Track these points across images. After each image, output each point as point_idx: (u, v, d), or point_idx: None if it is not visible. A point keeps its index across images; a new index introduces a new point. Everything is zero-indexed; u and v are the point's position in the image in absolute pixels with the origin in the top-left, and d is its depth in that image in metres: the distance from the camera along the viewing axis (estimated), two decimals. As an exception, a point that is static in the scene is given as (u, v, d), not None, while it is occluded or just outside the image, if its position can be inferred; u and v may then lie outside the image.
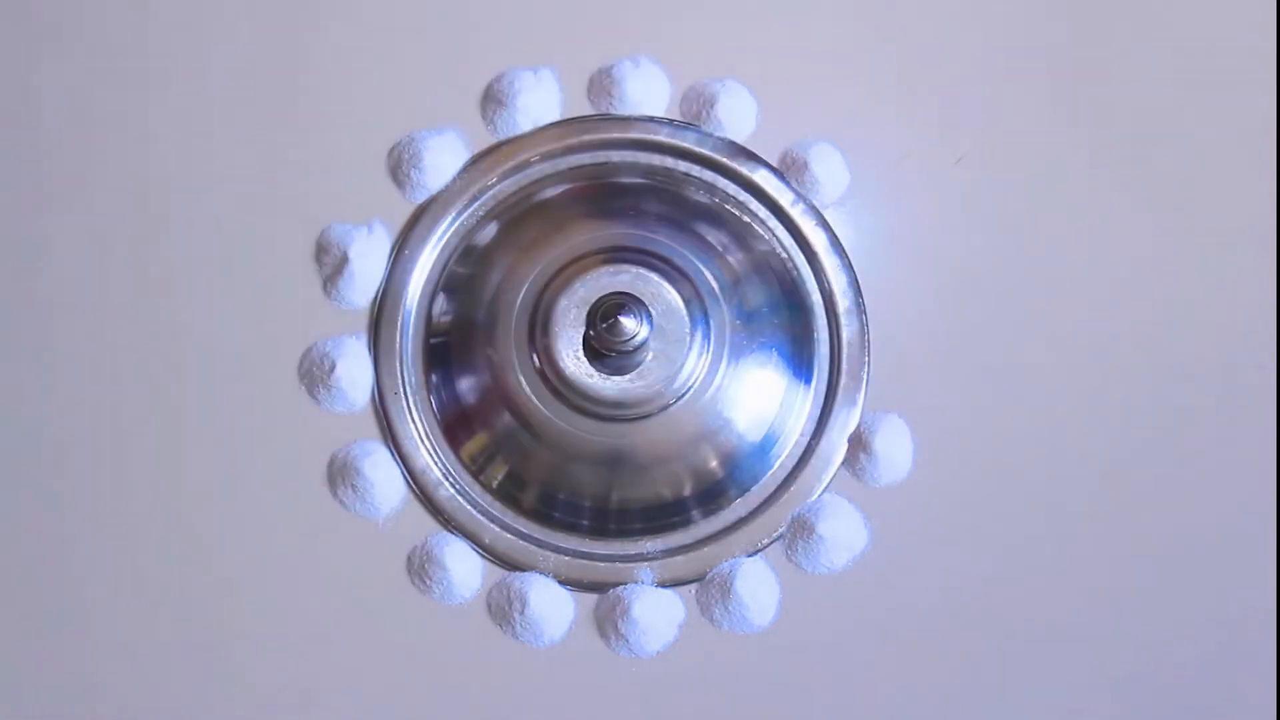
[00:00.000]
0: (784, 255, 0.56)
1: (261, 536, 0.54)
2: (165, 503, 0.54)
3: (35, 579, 0.54)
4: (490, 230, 0.56)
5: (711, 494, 0.54)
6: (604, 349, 0.52)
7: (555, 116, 0.56)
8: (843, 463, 0.54)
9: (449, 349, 0.55)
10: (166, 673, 0.53)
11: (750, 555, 0.54)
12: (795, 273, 0.56)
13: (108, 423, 0.54)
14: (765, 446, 0.54)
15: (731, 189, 0.56)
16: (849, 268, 0.55)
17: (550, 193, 0.56)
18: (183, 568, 0.54)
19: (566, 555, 0.54)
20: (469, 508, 0.54)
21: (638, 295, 0.52)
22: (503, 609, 0.53)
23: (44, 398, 0.54)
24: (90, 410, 0.54)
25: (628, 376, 0.53)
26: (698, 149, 0.56)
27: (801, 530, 0.53)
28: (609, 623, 0.53)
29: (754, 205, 0.56)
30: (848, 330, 0.55)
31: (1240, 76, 0.56)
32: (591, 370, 0.53)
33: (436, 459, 0.55)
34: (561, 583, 0.54)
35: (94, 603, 0.53)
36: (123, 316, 0.55)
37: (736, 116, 0.56)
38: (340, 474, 0.54)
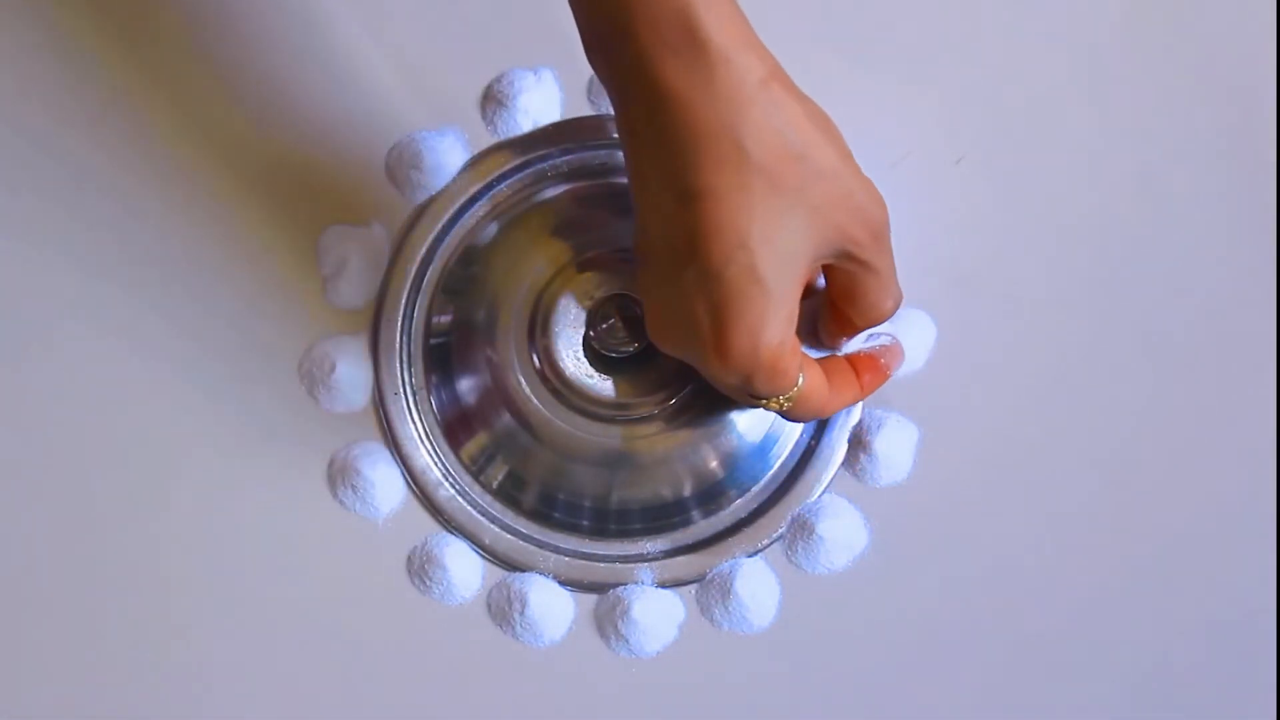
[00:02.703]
0: (784, 255, 0.56)
1: (262, 536, 0.54)
2: (165, 503, 0.54)
3: (34, 579, 0.54)
4: (490, 230, 0.56)
5: (711, 494, 0.54)
6: (604, 349, 0.52)
7: (555, 116, 0.56)
8: (843, 463, 0.54)
9: (449, 349, 0.55)
10: (166, 672, 0.53)
11: (750, 555, 0.54)
12: (795, 273, 0.56)
13: (108, 423, 0.54)
14: (765, 446, 0.54)
15: (731, 189, 0.56)
16: (849, 268, 0.55)
17: (550, 193, 0.56)
18: (183, 568, 0.54)
19: (566, 556, 0.54)
20: (469, 508, 0.54)
21: (638, 296, 0.52)
22: (503, 609, 0.53)
23: (44, 398, 0.54)
24: (91, 410, 0.54)
25: (628, 377, 0.53)
26: (698, 149, 0.56)
27: (801, 530, 0.53)
28: (609, 623, 0.53)
29: (754, 205, 0.56)
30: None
31: (1241, 77, 0.56)
32: (591, 370, 0.53)
33: (436, 459, 0.55)
34: (561, 583, 0.54)
35: (94, 602, 0.53)
36: (123, 316, 0.55)
37: (736, 116, 0.56)
38: (340, 474, 0.54)
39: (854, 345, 0.51)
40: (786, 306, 0.42)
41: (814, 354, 0.50)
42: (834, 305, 0.47)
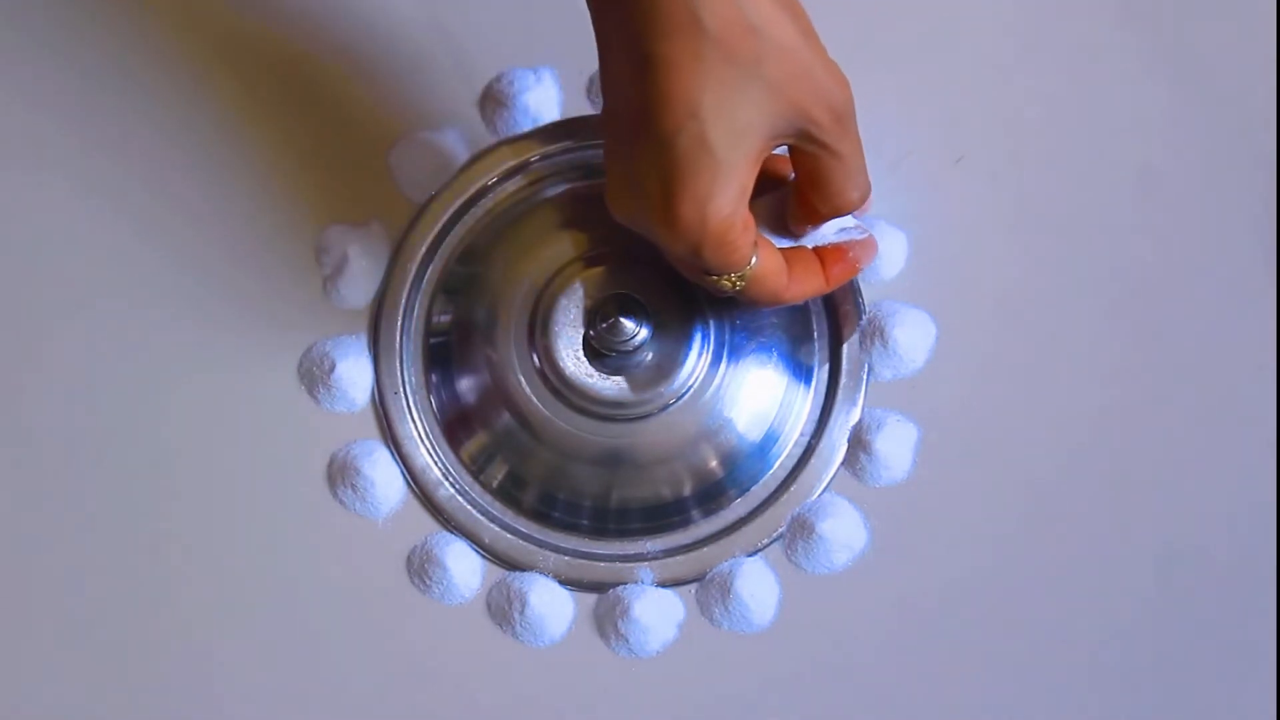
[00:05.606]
0: (784, 255, 0.56)
1: (262, 536, 0.54)
2: (165, 503, 0.54)
3: (34, 580, 0.54)
4: (490, 230, 0.56)
5: (711, 494, 0.54)
6: (604, 349, 0.52)
7: (555, 116, 0.56)
8: (843, 463, 0.54)
9: (449, 349, 0.55)
10: (167, 672, 0.53)
11: (750, 555, 0.54)
12: (795, 272, 0.56)
13: (108, 423, 0.54)
14: (765, 446, 0.54)
15: (731, 189, 0.56)
16: (849, 267, 0.55)
17: (550, 193, 0.56)
18: (183, 568, 0.54)
19: (566, 555, 0.54)
20: (469, 508, 0.54)
21: (638, 295, 0.52)
22: (503, 609, 0.53)
23: (44, 398, 0.54)
24: (91, 410, 0.54)
25: (628, 376, 0.53)
26: (698, 149, 0.56)
27: (801, 530, 0.53)
28: (609, 623, 0.53)
29: (754, 205, 0.56)
30: (848, 330, 0.55)
31: (1241, 77, 0.56)
32: (591, 370, 0.53)
33: (436, 459, 0.55)
34: (561, 583, 0.54)
35: (94, 601, 0.53)
36: (123, 317, 0.55)
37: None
38: (340, 474, 0.54)
39: (826, 238, 0.50)
40: (737, 179, 0.42)
41: (783, 244, 0.49)
42: (799, 191, 0.47)
